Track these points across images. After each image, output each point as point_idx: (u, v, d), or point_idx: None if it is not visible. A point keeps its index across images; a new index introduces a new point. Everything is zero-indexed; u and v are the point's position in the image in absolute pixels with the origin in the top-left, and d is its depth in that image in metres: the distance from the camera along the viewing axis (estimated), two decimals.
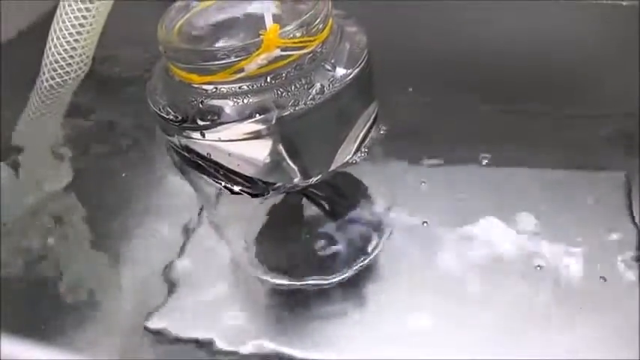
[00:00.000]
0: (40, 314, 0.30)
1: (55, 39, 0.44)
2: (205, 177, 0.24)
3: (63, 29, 0.44)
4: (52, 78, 0.45)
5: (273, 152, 0.23)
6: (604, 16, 0.46)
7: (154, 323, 0.29)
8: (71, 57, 0.45)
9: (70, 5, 0.43)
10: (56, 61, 0.45)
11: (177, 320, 0.29)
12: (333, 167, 0.25)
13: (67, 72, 0.45)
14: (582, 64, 0.42)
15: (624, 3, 0.45)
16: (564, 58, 0.42)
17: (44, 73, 0.45)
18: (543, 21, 0.46)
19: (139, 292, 0.31)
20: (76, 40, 0.44)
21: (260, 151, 0.23)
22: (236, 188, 0.24)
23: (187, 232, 0.33)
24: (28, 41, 0.52)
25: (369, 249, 0.30)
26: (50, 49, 0.44)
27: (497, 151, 0.35)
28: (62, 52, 0.44)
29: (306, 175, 0.24)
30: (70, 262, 0.33)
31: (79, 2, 0.43)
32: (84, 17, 0.43)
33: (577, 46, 0.44)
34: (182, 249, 0.32)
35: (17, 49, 0.51)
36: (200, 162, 0.24)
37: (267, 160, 0.23)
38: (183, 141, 0.24)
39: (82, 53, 0.45)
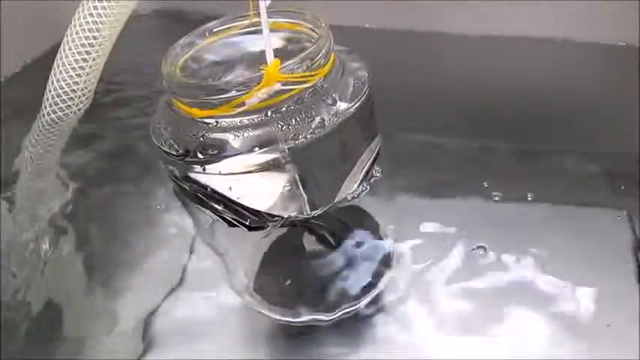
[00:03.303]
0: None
1: (57, 73, 0.44)
2: (205, 209, 0.24)
3: (66, 64, 0.44)
4: (54, 112, 0.45)
5: (278, 185, 0.23)
6: (603, 55, 0.47)
7: (150, 355, 0.29)
8: (73, 91, 0.45)
9: (73, 41, 0.43)
10: (58, 95, 0.45)
11: (174, 352, 0.29)
12: (336, 201, 0.25)
13: (69, 106, 0.46)
14: (582, 103, 0.42)
15: (621, 44, 0.46)
16: (564, 97, 0.43)
17: (46, 107, 0.46)
18: (543, 60, 0.47)
19: (135, 323, 0.30)
20: (78, 75, 0.45)
21: (263, 184, 0.23)
22: (234, 220, 0.24)
23: (184, 264, 0.33)
24: (31, 75, 0.52)
25: (376, 283, 0.30)
26: (53, 83, 0.45)
27: (498, 187, 0.35)
28: (64, 86, 0.45)
29: (310, 208, 0.24)
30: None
31: (83, 39, 0.43)
32: (87, 52, 0.44)
33: (577, 85, 0.44)
34: (180, 280, 0.32)
35: (20, 83, 0.51)
36: (200, 195, 0.24)
37: (272, 193, 0.23)
38: (185, 174, 0.24)
39: (85, 87, 0.46)
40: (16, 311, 0.32)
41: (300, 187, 0.23)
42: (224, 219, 0.24)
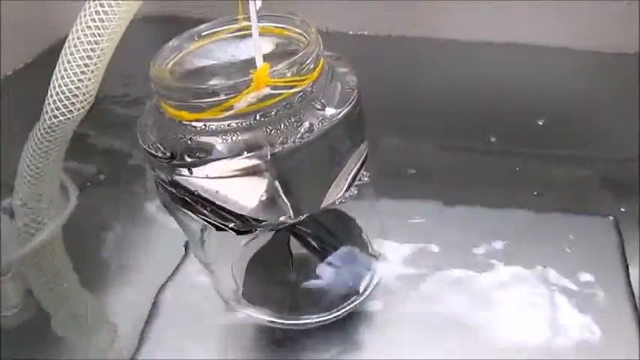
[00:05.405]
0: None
1: (59, 78, 0.45)
2: (191, 213, 0.24)
3: (68, 69, 0.44)
4: (56, 117, 0.46)
5: (262, 189, 0.23)
6: (604, 63, 0.47)
7: (142, 355, 0.28)
8: (75, 96, 0.45)
9: (75, 47, 0.44)
10: (60, 99, 0.45)
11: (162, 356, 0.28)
12: (323, 206, 0.25)
13: (71, 110, 0.46)
14: (583, 110, 0.42)
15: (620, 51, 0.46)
16: (566, 104, 0.43)
17: (47, 111, 0.46)
18: (544, 67, 0.47)
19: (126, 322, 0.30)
20: (80, 80, 0.45)
21: (248, 188, 0.23)
22: (221, 225, 0.24)
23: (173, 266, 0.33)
24: (31, 74, 0.53)
25: (360, 288, 0.29)
26: (54, 88, 0.45)
27: (490, 192, 0.35)
28: (66, 92, 0.45)
29: (295, 213, 0.24)
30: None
31: (85, 43, 0.44)
32: (89, 58, 0.44)
33: (577, 93, 0.44)
34: (164, 285, 0.32)
35: (20, 83, 0.52)
36: (187, 198, 0.24)
37: (256, 198, 0.23)
38: (172, 177, 0.24)
39: (86, 92, 0.46)
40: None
41: (282, 192, 0.23)
42: (211, 223, 0.24)
